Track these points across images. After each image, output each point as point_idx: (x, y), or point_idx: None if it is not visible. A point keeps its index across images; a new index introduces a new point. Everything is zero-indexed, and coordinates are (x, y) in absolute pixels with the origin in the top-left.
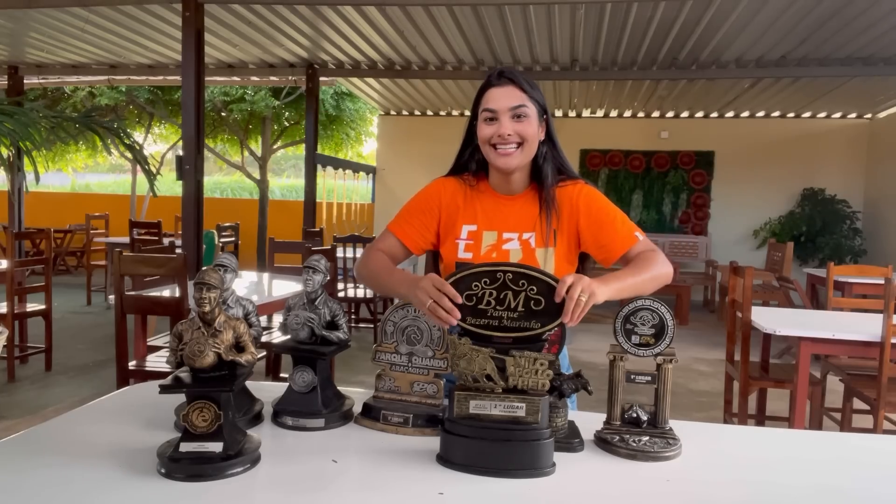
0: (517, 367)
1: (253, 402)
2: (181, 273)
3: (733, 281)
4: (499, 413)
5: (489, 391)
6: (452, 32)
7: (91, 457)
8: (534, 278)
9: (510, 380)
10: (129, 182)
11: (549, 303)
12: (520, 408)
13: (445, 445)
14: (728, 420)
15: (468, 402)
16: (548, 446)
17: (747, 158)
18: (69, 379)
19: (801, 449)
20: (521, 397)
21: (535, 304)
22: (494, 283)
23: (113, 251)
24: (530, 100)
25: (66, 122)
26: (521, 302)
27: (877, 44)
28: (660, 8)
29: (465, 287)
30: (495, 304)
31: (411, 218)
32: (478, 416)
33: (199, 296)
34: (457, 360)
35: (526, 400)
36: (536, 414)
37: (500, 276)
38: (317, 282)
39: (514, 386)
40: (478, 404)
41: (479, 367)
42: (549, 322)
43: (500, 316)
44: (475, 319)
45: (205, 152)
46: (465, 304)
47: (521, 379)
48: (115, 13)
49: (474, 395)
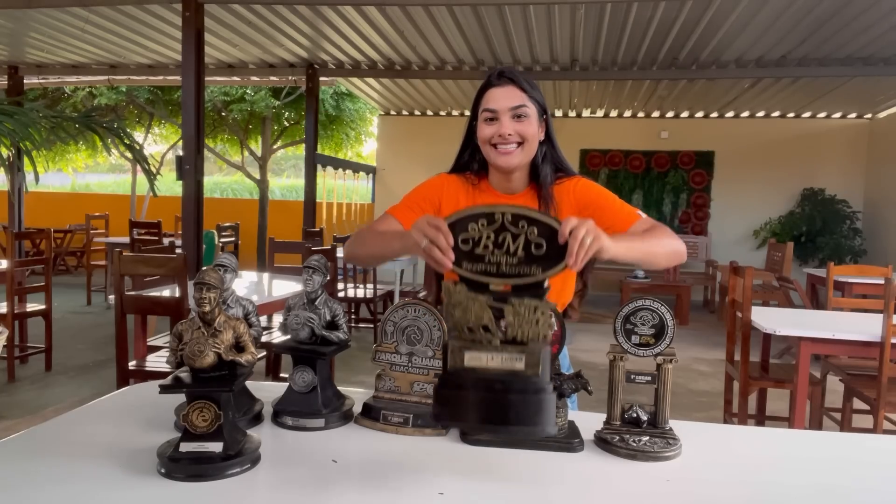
0: (516, 317)
1: (253, 402)
2: (181, 273)
3: (733, 281)
4: (496, 365)
5: (486, 342)
6: (452, 32)
7: (91, 457)
8: (534, 220)
9: (509, 330)
10: (129, 182)
11: (550, 246)
12: (519, 359)
13: (439, 402)
14: (728, 420)
15: (463, 353)
16: (549, 401)
17: (747, 158)
18: (69, 379)
19: (801, 449)
20: (521, 348)
21: (535, 247)
22: (492, 224)
23: (113, 251)
24: (530, 100)
25: (66, 122)
26: (520, 245)
27: (877, 44)
28: (660, 8)
29: (460, 230)
30: (493, 247)
31: (413, 205)
32: (473, 369)
33: (199, 296)
34: (451, 308)
35: (526, 351)
36: (537, 367)
37: (499, 217)
38: (317, 282)
39: (513, 337)
40: (473, 356)
41: (475, 317)
42: (550, 267)
43: (499, 261)
44: (472, 265)
45: (205, 152)
46: (461, 249)
47: (521, 329)
48: (115, 13)
49: (470, 345)
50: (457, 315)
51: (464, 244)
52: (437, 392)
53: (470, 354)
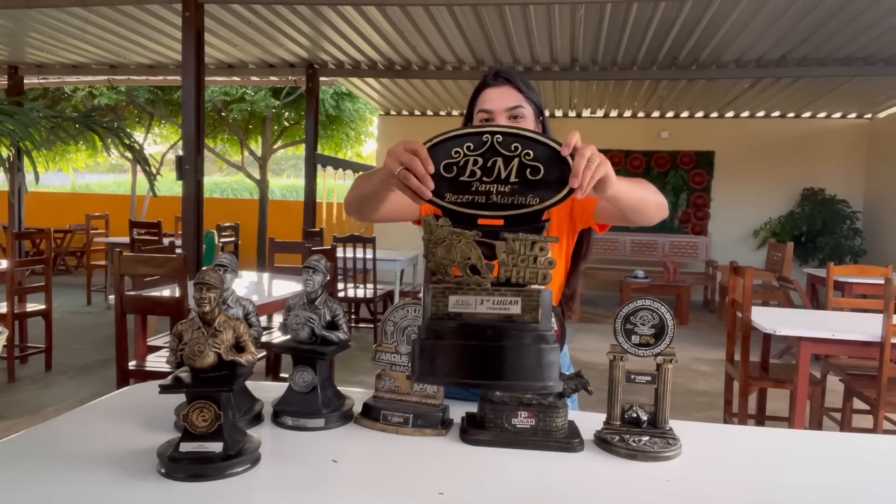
0: (511, 254)
1: (253, 402)
2: (181, 273)
3: (733, 281)
4: (486, 311)
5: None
6: (452, 32)
7: (91, 457)
8: (530, 140)
9: (502, 270)
10: (129, 182)
11: (549, 170)
12: (514, 303)
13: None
14: (728, 420)
15: (446, 297)
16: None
17: (747, 158)
18: (69, 379)
19: (801, 449)
20: (516, 290)
21: (531, 172)
22: (480, 147)
23: (113, 251)
24: (527, 100)
25: (66, 122)
26: (513, 171)
27: (877, 44)
28: (660, 8)
29: (443, 155)
30: (481, 174)
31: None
32: (459, 315)
33: (198, 296)
34: (432, 246)
35: (522, 293)
36: (535, 311)
37: (488, 138)
38: (317, 282)
39: (506, 278)
40: (459, 300)
41: (461, 256)
42: (550, 196)
43: (488, 190)
44: (456, 196)
45: (205, 152)
46: (444, 176)
47: (517, 269)
48: (115, 13)
49: (455, 289)
50: (439, 254)
51: (446, 171)
52: (417, 345)
53: (455, 298)
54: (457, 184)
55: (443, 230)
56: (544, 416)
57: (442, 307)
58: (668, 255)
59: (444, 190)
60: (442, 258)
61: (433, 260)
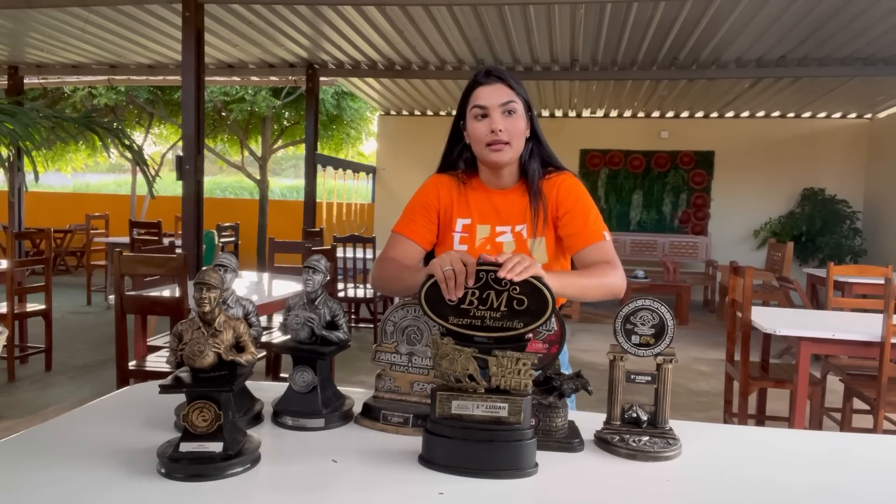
0: (500, 367)
1: (253, 402)
2: (181, 273)
3: (733, 281)
4: (481, 413)
5: (471, 391)
6: (452, 32)
7: (91, 457)
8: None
9: (493, 380)
10: (129, 182)
11: (531, 302)
12: (502, 408)
13: (428, 446)
14: (728, 420)
15: (450, 402)
16: (530, 447)
17: (747, 158)
18: (69, 379)
19: (801, 449)
20: (504, 397)
21: (517, 303)
22: (477, 282)
23: (113, 251)
24: (517, 96)
25: (66, 122)
26: (503, 301)
27: (877, 44)
28: (660, 8)
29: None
30: (478, 303)
31: (415, 216)
32: (460, 417)
33: (199, 296)
34: (439, 360)
35: (508, 400)
36: (519, 414)
37: (483, 275)
38: (317, 282)
39: (496, 386)
40: (460, 404)
41: (461, 367)
42: (532, 322)
43: (483, 315)
44: (458, 319)
45: (205, 152)
46: (449, 304)
47: (504, 379)
48: (115, 13)
49: (456, 395)
50: (444, 366)
51: (450, 300)
52: (427, 437)
53: (457, 403)
54: (459, 310)
55: (447, 346)
56: (544, 416)
57: (446, 409)
58: (668, 255)
59: (449, 314)
60: (446, 369)
61: (439, 370)
